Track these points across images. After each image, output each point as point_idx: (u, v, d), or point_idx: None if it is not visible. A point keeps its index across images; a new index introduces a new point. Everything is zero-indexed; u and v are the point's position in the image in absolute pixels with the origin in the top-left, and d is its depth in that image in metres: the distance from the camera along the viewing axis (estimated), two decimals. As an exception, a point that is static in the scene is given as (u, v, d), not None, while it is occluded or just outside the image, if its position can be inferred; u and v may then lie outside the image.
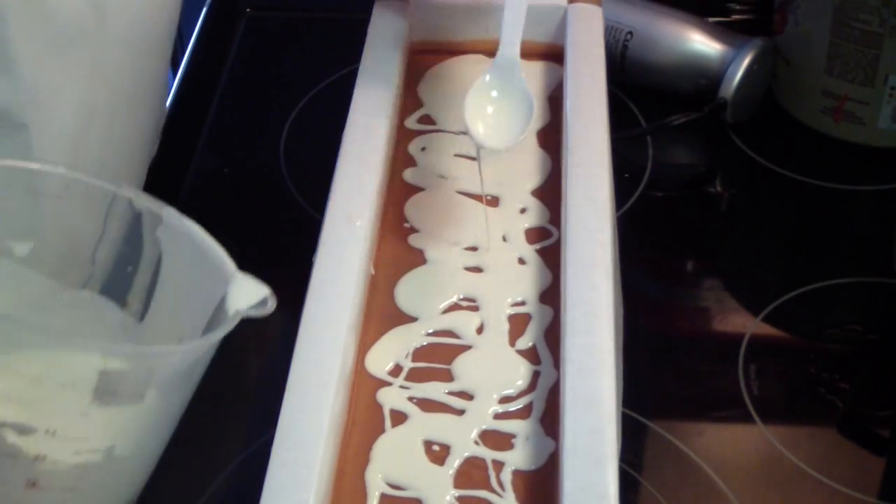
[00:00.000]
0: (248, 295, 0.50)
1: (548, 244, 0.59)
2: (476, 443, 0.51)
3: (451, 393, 0.53)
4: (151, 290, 0.56)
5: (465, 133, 0.65)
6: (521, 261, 0.59)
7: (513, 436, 0.51)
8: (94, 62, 0.61)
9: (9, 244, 0.54)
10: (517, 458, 0.50)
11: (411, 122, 0.67)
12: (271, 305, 0.50)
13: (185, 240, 0.53)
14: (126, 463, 0.51)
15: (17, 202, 0.54)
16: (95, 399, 0.47)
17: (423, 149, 0.65)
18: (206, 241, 0.53)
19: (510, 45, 0.59)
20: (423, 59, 0.71)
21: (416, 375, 0.53)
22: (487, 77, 0.58)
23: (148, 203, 0.55)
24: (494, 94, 0.58)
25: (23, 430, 0.47)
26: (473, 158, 0.64)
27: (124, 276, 0.56)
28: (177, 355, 0.49)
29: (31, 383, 0.47)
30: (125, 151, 0.67)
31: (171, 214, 0.54)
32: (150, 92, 0.69)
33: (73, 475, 0.49)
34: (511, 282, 0.57)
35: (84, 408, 0.47)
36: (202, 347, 0.49)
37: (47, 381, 0.47)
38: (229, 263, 0.52)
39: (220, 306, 0.50)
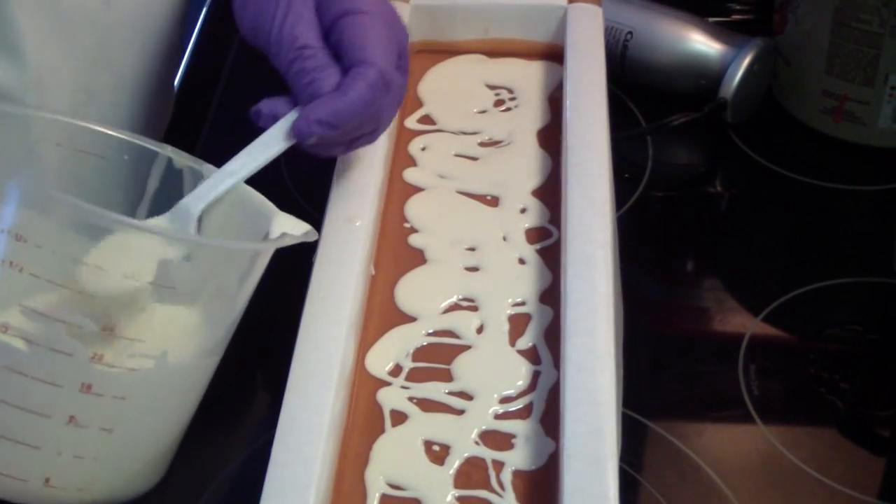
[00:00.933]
0: (292, 226, 0.52)
1: (548, 244, 0.59)
2: (476, 443, 0.51)
3: (451, 393, 0.53)
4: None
5: (465, 133, 0.66)
6: (521, 261, 0.59)
7: (513, 436, 0.51)
8: (97, 46, 0.61)
9: None
10: (517, 458, 0.50)
11: (411, 122, 0.67)
12: (313, 235, 0.52)
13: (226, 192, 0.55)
14: (177, 377, 0.52)
15: (64, 159, 0.56)
16: (153, 293, 0.47)
17: (423, 149, 0.65)
18: (248, 190, 0.55)
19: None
20: (423, 59, 0.71)
21: (416, 375, 0.53)
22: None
23: (188, 160, 0.57)
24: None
25: (82, 325, 0.47)
26: (474, 158, 0.64)
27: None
28: (233, 253, 0.51)
29: (93, 271, 0.47)
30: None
31: (210, 170, 0.56)
32: (157, 78, 0.69)
33: (125, 381, 0.49)
34: (511, 282, 0.57)
35: (142, 303, 0.48)
36: (256, 251, 0.51)
37: (109, 268, 0.47)
38: (270, 205, 0.54)
39: (266, 237, 0.52)
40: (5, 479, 0.50)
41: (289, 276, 0.55)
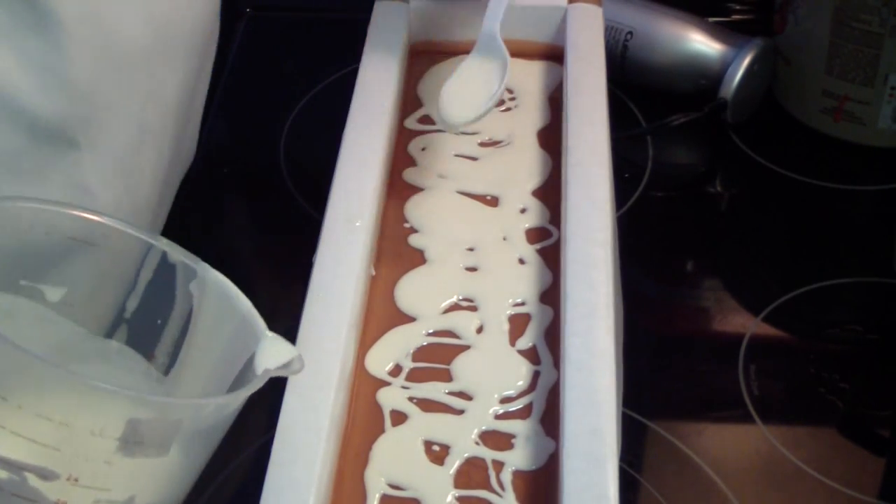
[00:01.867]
0: (277, 355, 0.50)
1: (548, 244, 0.59)
2: (476, 443, 0.51)
3: (451, 393, 0.53)
4: (179, 345, 0.55)
5: (465, 133, 0.66)
6: (521, 261, 0.59)
7: (513, 436, 0.51)
8: (149, 83, 0.61)
9: (41, 288, 0.54)
10: (517, 458, 0.50)
11: (411, 122, 0.67)
12: (298, 367, 0.50)
13: (218, 296, 0.53)
14: None
15: (53, 246, 0.54)
16: (121, 448, 0.47)
17: (423, 149, 0.65)
18: (240, 298, 0.52)
19: (492, 20, 0.62)
20: (423, 59, 0.71)
21: (416, 375, 0.53)
22: (467, 61, 0.61)
23: (183, 256, 0.54)
24: (469, 72, 0.61)
25: (45, 475, 0.46)
26: (474, 158, 0.64)
27: (154, 329, 0.55)
28: (206, 409, 0.49)
29: (58, 427, 0.47)
30: (170, 168, 0.67)
31: (205, 269, 0.54)
32: (194, 110, 0.69)
33: None
34: (511, 282, 0.57)
35: (109, 456, 0.47)
36: (231, 403, 0.49)
37: (75, 425, 0.47)
38: (260, 323, 0.51)
39: (248, 365, 0.50)
40: None
41: (289, 276, 0.55)
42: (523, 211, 0.61)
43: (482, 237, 0.59)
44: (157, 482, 0.50)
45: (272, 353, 0.50)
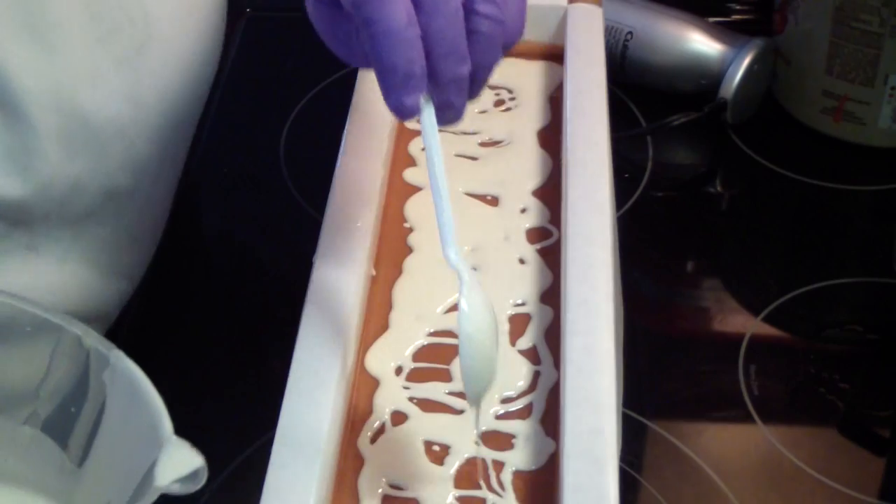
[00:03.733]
0: (179, 465, 0.46)
1: (548, 244, 0.59)
2: (476, 443, 0.51)
3: (451, 393, 0.53)
4: (93, 436, 0.52)
5: (465, 133, 0.66)
6: (521, 261, 0.59)
7: (513, 436, 0.51)
8: (125, 154, 0.61)
9: None
10: (517, 458, 0.50)
11: (411, 122, 0.67)
12: (201, 479, 0.46)
13: (129, 388, 0.49)
14: None
15: None
16: None
17: (423, 149, 0.65)
18: (149, 393, 0.49)
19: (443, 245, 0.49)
20: (423, 59, 0.71)
21: (416, 375, 0.53)
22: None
23: (96, 343, 0.51)
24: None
25: None
26: (474, 158, 0.64)
27: (68, 417, 0.53)
28: None
29: None
30: (143, 226, 0.67)
31: (118, 357, 0.50)
32: (174, 166, 0.68)
33: None
34: (511, 282, 0.57)
35: None
36: None
37: None
38: (166, 425, 0.47)
39: (153, 469, 0.46)
40: None
41: (289, 276, 0.55)
42: (523, 211, 0.61)
43: (482, 237, 0.59)
44: None
45: (173, 461, 0.46)
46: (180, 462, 0.46)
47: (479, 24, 0.46)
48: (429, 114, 0.47)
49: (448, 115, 0.48)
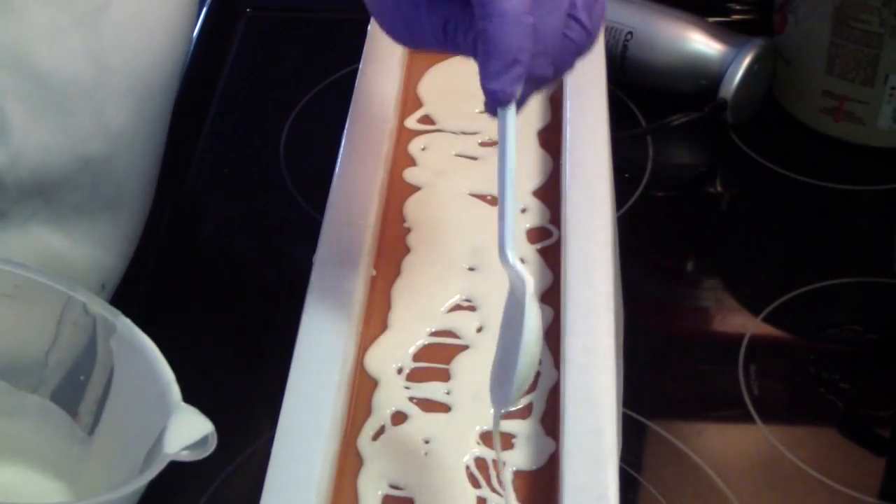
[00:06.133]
0: (189, 431, 0.46)
1: (548, 244, 0.59)
2: (476, 443, 0.51)
3: (451, 393, 0.53)
4: (103, 403, 0.52)
5: (465, 133, 0.66)
6: (522, 261, 0.58)
7: (513, 436, 0.51)
8: (93, 117, 0.60)
9: None
10: (517, 458, 0.50)
11: (411, 122, 0.67)
12: (212, 445, 0.46)
13: (137, 354, 0.50)
14: None
15: None
16: None
17: (423, 149, 0.65)
18: (157, 360, 0.49)
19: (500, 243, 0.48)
20: (423, 59, 0.71)
21: (416, 375, 0.53)
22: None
23: (102, 310, 0.51)
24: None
25: None
26: (474, 158, 0.64)
27: (77, 385, 0.53)
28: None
29: None
30: (121, 196, 0.66)
31: (124, 325, 0.50)
32: (156, 136, 0.68)
33: None
34: (511, 282, 0.57)
35: None
36: (125, 494, 0.46)
37: None
38: (174, 392, 0.48)
39: (162, 436, 0.47)
40: None
41: (289, 276, 0.55)
42: (523, 211, 0.61)
43: (482, 237, 0.59)
44: None
45: (183, 428, 0.46)
46: (189, 429, 0.46)
47: (575, 32, 0.46)
48: (513, 108, 0.46)
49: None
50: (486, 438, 0.51)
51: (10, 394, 0.53)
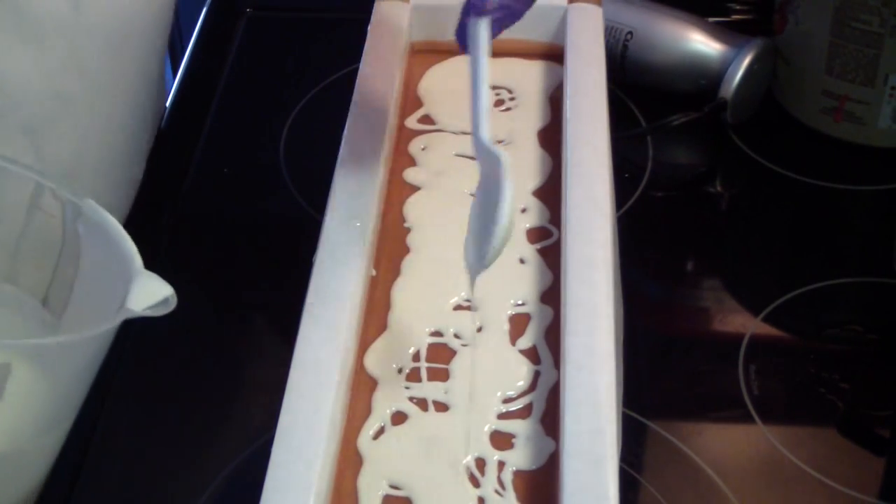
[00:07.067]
0: (150, 294, 0.48)
1: (548, 244, 0.59)
2: (476, 443, 0.50)
3: (450, 393, 0.52)
4: (71, 287, 0.53)
5: (465, 133, 0.66)
6: (521, 261, 0.59)
7: (513, 436, 0.51)
8: (68, 53, 0.60)
9: None
10: (517, 458, 0.50)
11: (411, 122, 0.67)
12: (171, 305, 0.48)
13: (102, 234, 0.51)
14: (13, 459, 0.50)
15: None
16: None
17: (423, 149, 0.65)
18: (120, 234, 0.51)
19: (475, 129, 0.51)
20: (423, 59, 0.71)
21: (416, 375, 0.53)
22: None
23: (69, 195, 0.53)
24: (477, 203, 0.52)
25: None
26: (474, 158, 0.64)
27: (45, 272, 0.54)
28: (43, 349, 0.48)
29: None
30: (108, 145, 0.66)
31: (90, 206, 0.52)
32: (139, 86, 0.68)
33: None
34: (511, 282, 0.57)
35: None
36: (64, 344, 0.47)
37: None
38: (136, 260, 0.50)
39: (125, 299, 0.48)
40: None
41: (289, 276, 0.55)
42: (523, 211, 0.61)
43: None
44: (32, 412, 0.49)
45: (144, 291, 0.48)
46: (151, 291, 0.48)
47: None
48: (485, 21, 0.53)
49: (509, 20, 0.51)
50: (486, 438, 0.51)
51: None
